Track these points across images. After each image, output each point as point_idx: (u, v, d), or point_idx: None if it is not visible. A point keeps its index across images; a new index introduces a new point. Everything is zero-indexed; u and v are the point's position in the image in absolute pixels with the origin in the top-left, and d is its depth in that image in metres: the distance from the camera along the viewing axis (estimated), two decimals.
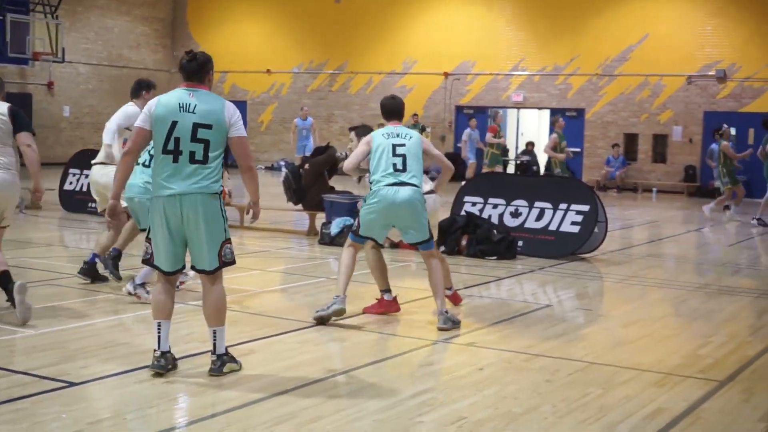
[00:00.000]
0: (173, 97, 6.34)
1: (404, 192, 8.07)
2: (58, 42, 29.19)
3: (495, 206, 13.50)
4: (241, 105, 32.79)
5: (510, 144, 30.35)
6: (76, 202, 16.99)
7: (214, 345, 6.41)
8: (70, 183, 17.33)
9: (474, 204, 13.63)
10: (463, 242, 12.83)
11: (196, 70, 6.42)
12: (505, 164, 28.36)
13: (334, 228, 13.51)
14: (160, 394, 6.00)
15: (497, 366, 6.93)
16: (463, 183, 16.53)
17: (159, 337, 6.37)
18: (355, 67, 31.55)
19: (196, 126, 6.23)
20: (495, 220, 13.28)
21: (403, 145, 8.20)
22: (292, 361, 6.92)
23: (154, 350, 6.39)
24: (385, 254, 12.70)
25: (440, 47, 30.11)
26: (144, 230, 8.84)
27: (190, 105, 6.28)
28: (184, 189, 6.20)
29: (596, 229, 12.97)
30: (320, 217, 14.46)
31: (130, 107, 9.74)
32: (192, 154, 6.22)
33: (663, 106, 27.66)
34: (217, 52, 33.90)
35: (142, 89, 9.64)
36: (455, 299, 9.16)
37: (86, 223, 15.52)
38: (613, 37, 27.90)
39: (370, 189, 8.23)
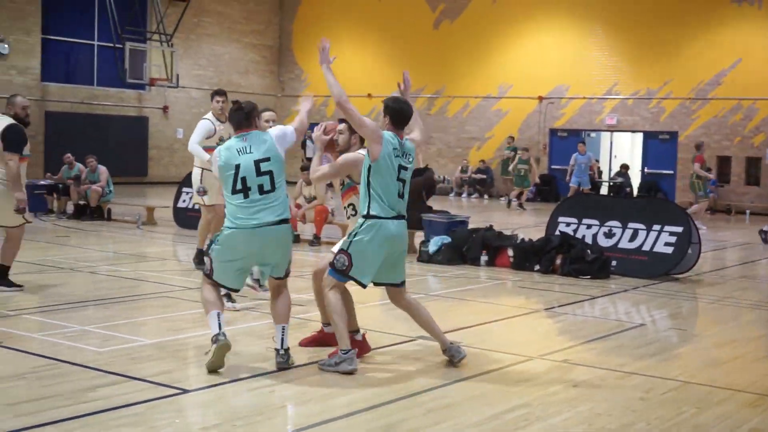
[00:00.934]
0: (231, 146, 6.91)
1: (402, 226, 7.05)
2: (172, 68, 29.93)
3: (589, 227, 13.33)
4: None
5: (603, 166, 29.98)
6: (189, 219, 17.30)
7: (282, 339, 6.87)
8: (183, 201, 17.68)
9: (568, 224, 13.49)
10: (558, 261, 12.70)
11: (245, 117, 6.99)
12: (598, 186, 28.00)
13: (432, 246, 13.53)
14: (268, 403, 6.08)
15: (591, 383, 6.83)
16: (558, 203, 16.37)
17: (219, 324, 6.81)
18: (452, 92, 31.56)
19: (257, 162, 6.82)
20: (589, 240, 13.11)
21: (406, 168, 7.06)
22: (391, 374, 6.93)
23: (216, 334, 6.74)
24: (479, 272, 12.74)
25: (535, 72, 29.93)
26: None
27: (246, 147, 6.86)
28: (263, 220, 6.76)
29: (690, 250, 12.69)
30: (419, 236, 14.48)
31: (202, 121, 11.35)
32: (260, 187, 6.80)
33: (756, 129, 26.97)
34: (320, 77, 34.20)
35: (214, 96, 11.52)
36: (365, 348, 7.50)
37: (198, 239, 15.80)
38: (706, 62, 27.34)
39: (364, 209, 6.98)
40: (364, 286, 7.15)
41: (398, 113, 7.12)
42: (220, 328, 6.77)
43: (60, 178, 19.46)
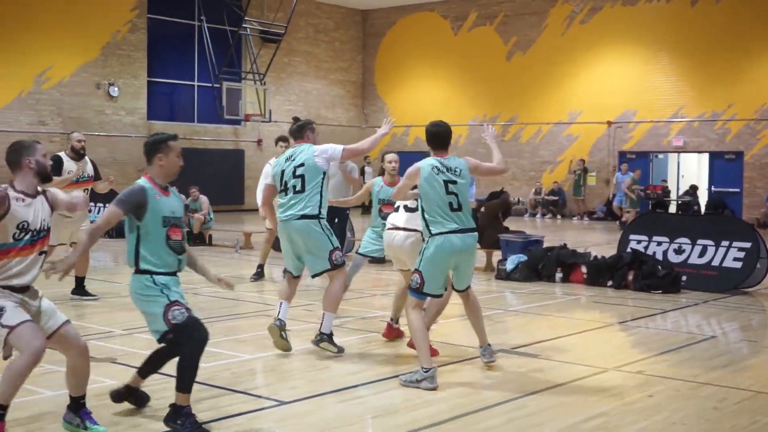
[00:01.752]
0: (283, 156, 8.04)
1: (469, 240, 6.98)
2: (265, 104, 30.35)
3: (659, 244, 13.08)
4: (423, 155, 33.05)
5: (671, 185, 29.41)
6: None
7: (321, 324, 7.74)
8: None
9: (639, 242, 13.25)
10: (630, 277, 12.48)
11: (297, 130, 8.08)
12: (667, 204, 27.46)
13: (510, 264, 13.42)
14: (359, 414, 6.08)
15: (666, 393, 6.68)
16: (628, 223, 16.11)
17: (280, 311, 7.89)
18: (525, 119, 31.35)
19: (294, 168, 7.78)
20: (659, 256, 12.86)
21: (455, 182, 7.00)
22: (475, 385, 6.89)
23: (275, 318, 7.85)
24: (555, 288, 12.59)
25: (603, 98, 29.55)
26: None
27: (291, 156, 7.89)
28: (289, 214, 7.73)
29: (758, 265, 12.35)
30: (496, 255, 14.38)
31: (265, 165, 12.30)
32: (294, 187, 7.75)
33: None
34: (401, 109, 34.59)
35: (278, 141, 12.42)
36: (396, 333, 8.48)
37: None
38: None
39: (427, 232, 6.99)
40: (440, 296, 7.17)
41: (432, 135, 7.29)
42: (279, 313, 7.86)
43: None
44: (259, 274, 13.10)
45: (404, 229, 7.94)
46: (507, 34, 31.99)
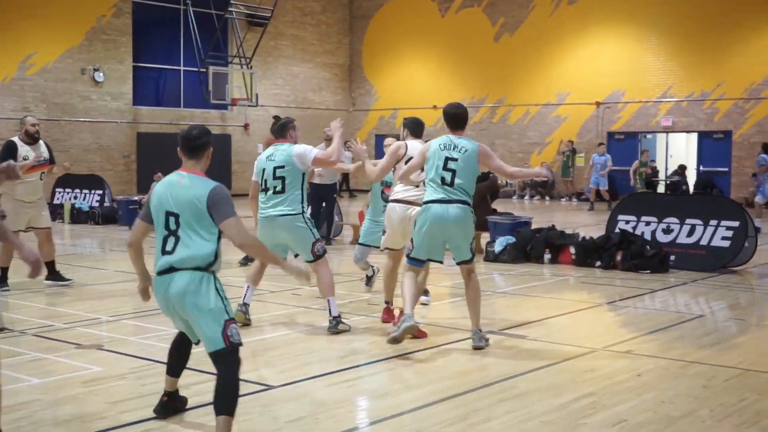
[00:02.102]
0: (265, 154, 8.15)
1: (453, 210, 7.30)
2: (252, 89, 30.21)
3: (647, 224, 13.11)
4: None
5: (659, 165, 29.48)
6: None
7: (329, 310, 7.95)
8: None
9: (627, 222, 13.28)
10: (618, 257, 12.51)
11: (279, 130, 8.18)
12: (655, 185, 27.55)
13: (498, 246, 13.44)
14: (348, 396, 6.09)
15: (655, 372, 6.71)
16: (616, 203, 16.12)
17: (246, 294, 8.23)
18: (513, 100, 31.31)
19: (275, 168, 7.97)
20: (648, 236, 12.90)
21: (456, 159, 7.35)
22: (464, 366, 6.90)
23: (240, 304, 8.10)
24: (543, 269, 12.62)
25: (592, 79, 29.53)
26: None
27: (272, 155, 8.03)
28: (272, 213, 7.96)
29: (746, 244, 12.40)
30: (485, 237, 14.40)
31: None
32: (274, 188, 7.96)
33: None
34: (389, 91, 34.54)
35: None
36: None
37: None
38: (758, 63, 26.65)
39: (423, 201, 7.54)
40: (422, 263, 7.65)
41: (451, 116, 7.68)
42: (244, 298, 8.23)
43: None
44: (248, 258, 13.08)
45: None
46: (495, 16, 31.92)
